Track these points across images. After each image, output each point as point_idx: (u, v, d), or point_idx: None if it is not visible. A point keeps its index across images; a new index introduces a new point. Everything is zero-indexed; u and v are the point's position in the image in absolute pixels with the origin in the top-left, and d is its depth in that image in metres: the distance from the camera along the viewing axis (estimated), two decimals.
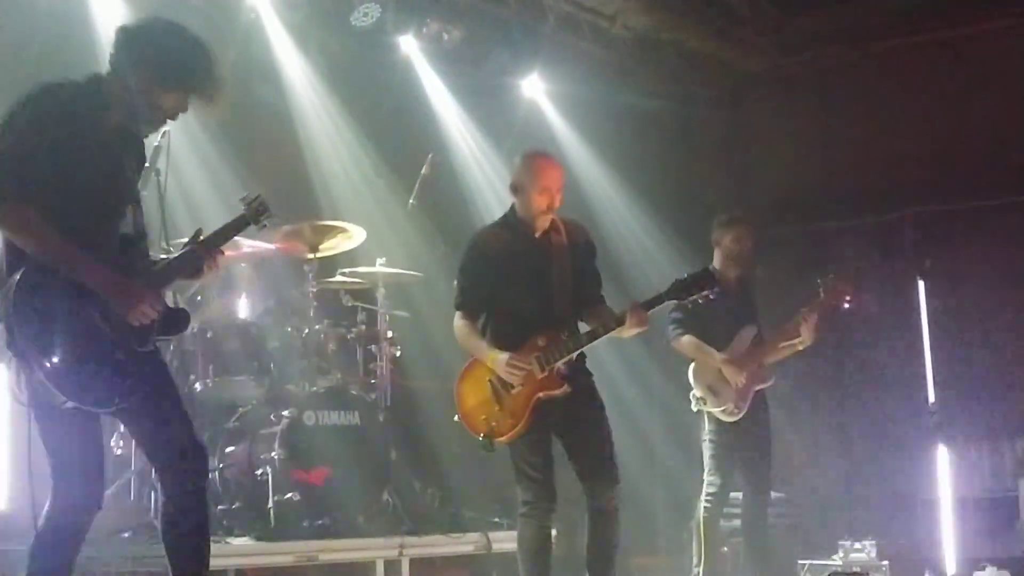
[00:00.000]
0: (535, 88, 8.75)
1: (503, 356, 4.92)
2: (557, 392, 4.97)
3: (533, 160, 5.17)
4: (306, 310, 6.60)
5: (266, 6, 7.26)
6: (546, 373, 4.94)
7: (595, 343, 5.01)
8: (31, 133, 3.71)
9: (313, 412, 6.18)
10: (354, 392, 6.63)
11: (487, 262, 5.08)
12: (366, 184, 8.23)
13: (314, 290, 6.66)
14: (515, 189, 5.12)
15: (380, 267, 6.92)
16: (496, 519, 6.88)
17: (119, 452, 6.09)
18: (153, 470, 4.07)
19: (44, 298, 3.67)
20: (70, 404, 3.71)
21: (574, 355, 5.00)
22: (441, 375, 7.09)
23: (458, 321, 5.08)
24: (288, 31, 7.67)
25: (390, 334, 6.92)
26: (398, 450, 6.61)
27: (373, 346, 6.93)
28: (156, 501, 5.86)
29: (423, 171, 6.98)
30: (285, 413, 6.14)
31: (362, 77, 8.27)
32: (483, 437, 4.89)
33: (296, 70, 7.83)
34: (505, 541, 6.44)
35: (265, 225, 4.22)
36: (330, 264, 7.05)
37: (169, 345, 6.09)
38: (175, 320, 4.04)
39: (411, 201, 7.00)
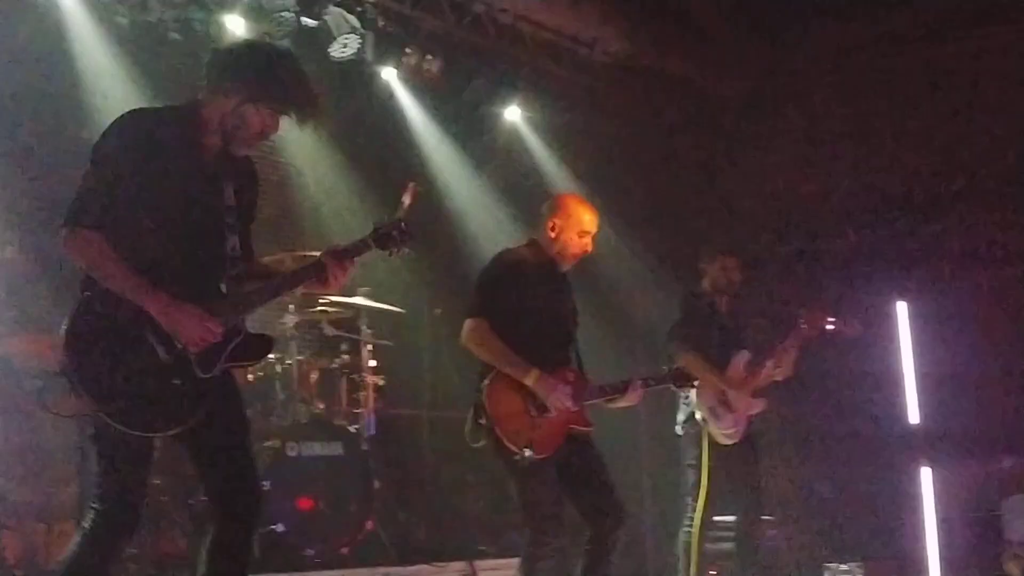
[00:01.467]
0: (516, 115, 8.79)
1: (551, 378, 4.90)
2: (584, 429, 5.05)
3: (573, 201, 5.27)
4: (288, 341, 6.60)
5: (245, 38, 7.26)
6: (577, 408, 5.01)
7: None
8: (115, 158, 3.69)
9: (296, 443, 6.18)
10: (337, 422, 6.64)
11: (516, 281, 5.05)
12: (348, 213, 8.25)
13: (296, 320, 6.67)
14: (553, 226, 5.16)
15: (362, 297, 6.93)
16: (482, 548, 6.88)
17: None
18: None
19: (99, 324, 3.65)
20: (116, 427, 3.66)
21: (606, 398, 5.11)
22: (426, 404, 7.11)
23: (481, 327, 4.94)
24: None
25: (373, 363, 6.93)
26: (382, 480, 6.61)
27: (356, 376, 6.94)
28: (141, 536, 5.88)
29: (404, 200, 6.98)
30: (268, 444, 6.14)
31: (342, 108, 8.30)
32: (527, 450, 4.81)
33: None
34: (490, 569, 6.44)
35: (393, 252, 4.18)
36: (312, 294, 7.06)
37: None
38: (252, 346, 3.93)
39: None
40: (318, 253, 6.64)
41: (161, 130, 3.76)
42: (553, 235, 5.16)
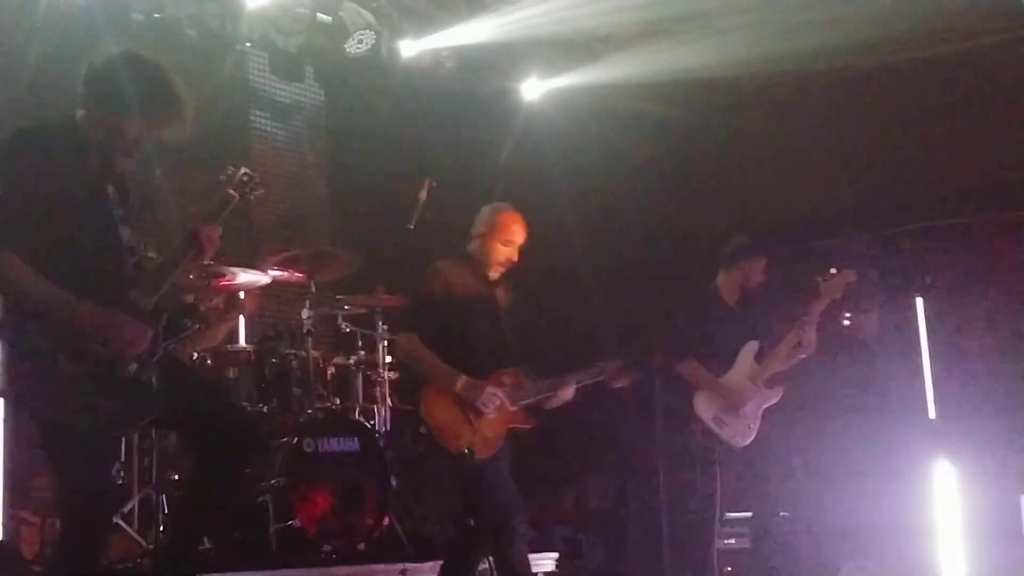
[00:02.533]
0: (534, 90, 8.78)
1: (478, 382, 5.08)
2: (525, 427, 5.27)
3: (500, 212, 5.45)
4: (304, 337, 6.59)
5: (260, 35, 7.28)
6: (516, 408, 5.20)
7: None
8: (11, 182, 3.78)
9: (312, 439, 6.16)
10: (353, 418, 6.63)
11: (449, 293, 5.24)
12: (364, 209, 8.24)
13: (312, 317, 6.66)
14: (479, 235, 5.37)
15: (377, 294, 6.93)
16: None
17: (120, 482, 6.09)
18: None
19: (41, 356, 3.72)
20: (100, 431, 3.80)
21: (541, 397, 5.26)
22: None
23: (412, 342, 5.18)
24: (282, 59, 7.71)
25: (388, 359, 6.92)
26: (398, 475, 6.59)
27: (372, 372, 6.93)
28: (157, 531, 5.90)
29: (420, 195, 6.98)
30: (284, 440, 6.13)
31: (358, 102, 8.30)
32: (467, 451, 4.99)
33: (291, 96, 7.88)
34: None
35: (252, 197, 4.34)
36: (328, 290, 7.06)
37: None
38: (181, 319, 4.12)
39: (409, 226, 7.00)
40: (334, 249, 6.82)
41: (48, 151, 3.86)
42: (478, 243, 5.36)
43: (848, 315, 6.60)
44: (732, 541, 6.81)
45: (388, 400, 6.89)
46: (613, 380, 5.52)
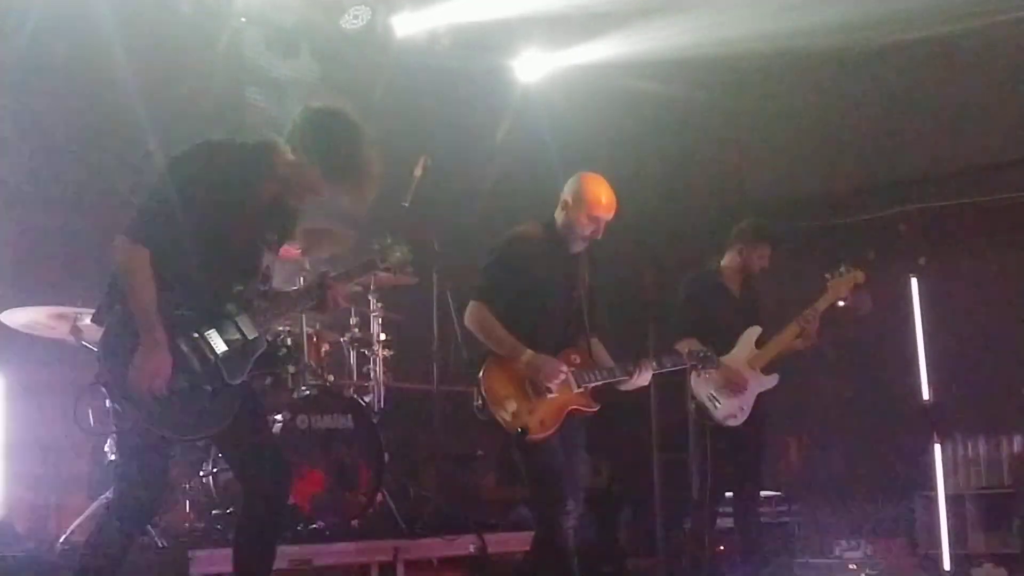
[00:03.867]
0: (530, 70, 8.76)
1: (545, 357, 4.91)
2: (589, 410, 5.07)
3: (591, 184, 5.13)
4: (298, 313, 6.58)
5: (256, 10, 7.24)
6: (581, 390, 5.02)
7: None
8: (185, 184, 3.91)
9: (306, 416, 6.16)
10: (347, 395, 6.62)
11: (524, 264, 5.05)
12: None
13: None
14: (565, 204, 5.12)
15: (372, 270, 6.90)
16: (492, 521, 6.87)
17: (113, 457, 6.09)
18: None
19: (135, 337, 3.83)
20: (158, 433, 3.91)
21: (613, 380, 5.08)
22: (435, 377, 7.09)
23: (481, 311, 4.99)
24: (278, 34, 7.68)
25: (383, 336, 6.92)
26: (392, 453, 6.59)
27: (366, 349, 6.93)
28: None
29: (416, 173, 6.97)
30: (278, 417, 6.13)
31: (353, 78, 8.25)
32: (520, 432, 4.85)
33: (286, 72, 7.83)
34: (500, 543, 6.43)
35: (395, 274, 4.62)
36: (322, 267, 7.03)
37: None
38: (275, 355, 4.35)
39: (404, 204, 6.99)
40: (328, 226, 6.79)
41: (230, 169, 3.99)
42: (563, 214, 5.13)
43: (846, 294, 6.60)
44: (725, 521, 6.82)
45: (382, 377, 6.88)
46: (694, 368, 5.48)
